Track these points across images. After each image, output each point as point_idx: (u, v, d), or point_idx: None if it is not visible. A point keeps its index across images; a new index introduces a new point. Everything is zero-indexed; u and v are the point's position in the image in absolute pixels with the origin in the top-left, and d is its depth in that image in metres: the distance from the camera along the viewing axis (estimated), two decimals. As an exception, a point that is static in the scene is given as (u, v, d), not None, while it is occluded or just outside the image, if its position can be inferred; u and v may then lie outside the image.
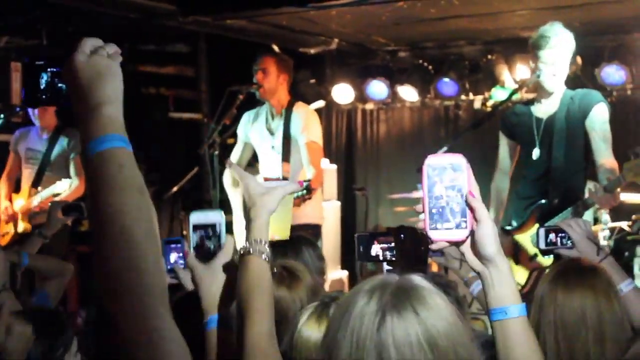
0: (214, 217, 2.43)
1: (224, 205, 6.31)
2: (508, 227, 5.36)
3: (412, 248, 2.21)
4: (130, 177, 1.58)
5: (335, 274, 8.41)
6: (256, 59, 5.93)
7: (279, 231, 5.65)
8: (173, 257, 2.90)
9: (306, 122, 5.84)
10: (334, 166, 8.67)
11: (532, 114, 5.31)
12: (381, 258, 2.50)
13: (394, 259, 2.47)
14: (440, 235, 1.80)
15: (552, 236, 3.02)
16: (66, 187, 6.56)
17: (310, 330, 2.34)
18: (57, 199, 6.50)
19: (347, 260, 8.93)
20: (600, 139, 5.09)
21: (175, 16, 7.40)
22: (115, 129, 1.61)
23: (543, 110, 5.29)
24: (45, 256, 4.85)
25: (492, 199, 5.49)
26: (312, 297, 2.77)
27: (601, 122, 5.12)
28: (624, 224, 7.13)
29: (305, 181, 5.33)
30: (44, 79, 1.76)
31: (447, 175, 1.77)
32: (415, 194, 8.02)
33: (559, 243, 3.01)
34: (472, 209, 1.76)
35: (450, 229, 1.78)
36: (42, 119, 6.94)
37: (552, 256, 4.16)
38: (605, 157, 5.05)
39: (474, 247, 1.82)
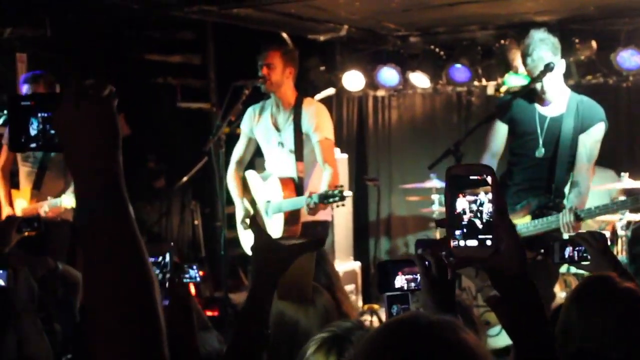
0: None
1: (231, 199, 6.20)
2: None
3: (438, 276, 2.06)
4: (124, 246, 1.46)
5: (348, 265, 8.32)
6: (260, 53, 5.78)
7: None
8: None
9: (318, 119, 5.72)
10: (345, 155, 8.55)
11: (535, 110, 5.27)
12: (406, 289, 2.35)
13: (418, 289, 2.32)
14: (463, 253, 1.67)
15: (568, 250, 2.88)
16: (72, 204, 6.38)
17: None
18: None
19: (359, 251, 8.84)
20: (586, 157, 5.19)
21: (180, 6, 7.27)
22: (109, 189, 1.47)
23: (548, 109, 5.26)
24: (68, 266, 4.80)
25: None
26: (325, 316, 2.66)
27: (594, 141, 5.21)
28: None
29: (338, 186, 5.23)
30: (34, 125, 1.60)
31: (471, 187, 1.64)
32: (428, 184, 7.91)
33: (576, 257, 2.87)
34: (497, 226, 1.63)
35: (474, 246, 1.65)
36: None
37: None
38: (582, 176, 5.19)
39: (499, 266, 1.68)
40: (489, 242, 1.63)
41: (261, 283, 2.00)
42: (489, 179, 1.63)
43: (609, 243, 2.92)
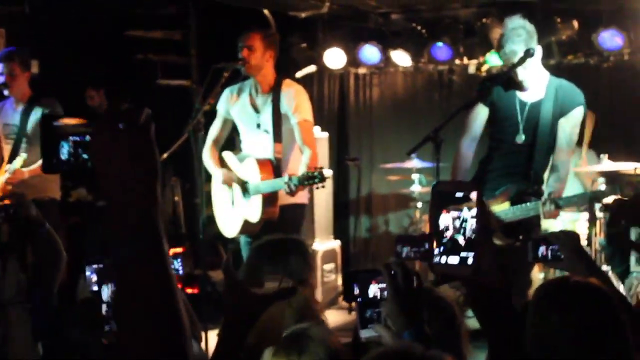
0: None
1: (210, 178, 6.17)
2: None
3: (404, 285, 2.06)
4: (155, 285, 1.42)
5: (329, 244, 8.33)
6: (241, 35, 5.73)
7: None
8: None
9: (297, 100, 5.70)
10: (326, 134, 8.52)
11: (515, 96, 5.24)
12: (379, 298, 2.35)
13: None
14: (444, 270, 1.68)
15: (542, 249, 2.88)
16: (20, 162, 6.32)
17: None
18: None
19: (339, 229, 8.86)
20: (565, 142, 5.17)
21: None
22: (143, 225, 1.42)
23: (528, 94, 5.22)
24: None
25: (459, 163, 5.37)
26: (300, 316, 2.66)
27: (573, 126, 5.19)
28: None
29: (318, 168, 5.23)
30: (65, 148, 1.56)
31: (456, 205, 1.64)
32: (408, 163, 7.91)
33: (549, 256, 2.88)
34: (480, 243, 1.63)
35: (454, 264, 1.65)
36: (12, 89, 6.56)
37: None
38: (562, 159, 5.19)
39: (479, 284, 1.69)
40: (469, 261, 1.63)
41: (230, 334, 1.99)
42: (473, 195, 1.63)
43: (584, 239, 2.94)
